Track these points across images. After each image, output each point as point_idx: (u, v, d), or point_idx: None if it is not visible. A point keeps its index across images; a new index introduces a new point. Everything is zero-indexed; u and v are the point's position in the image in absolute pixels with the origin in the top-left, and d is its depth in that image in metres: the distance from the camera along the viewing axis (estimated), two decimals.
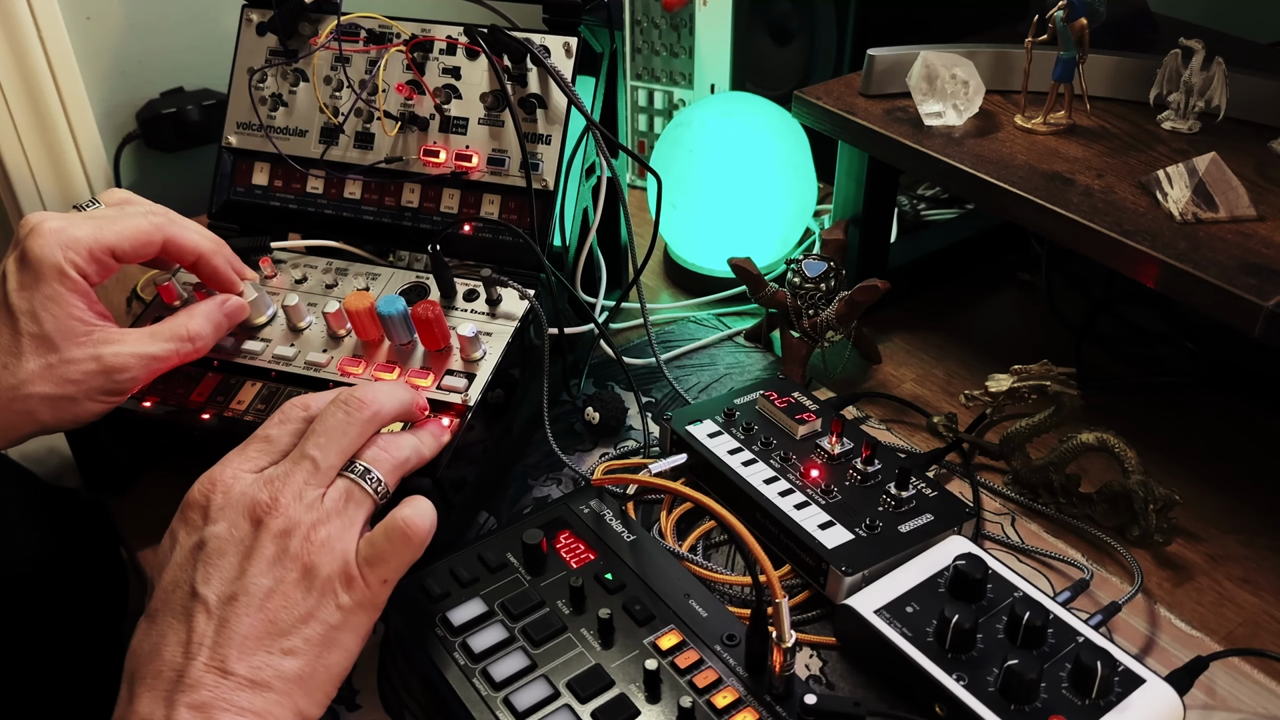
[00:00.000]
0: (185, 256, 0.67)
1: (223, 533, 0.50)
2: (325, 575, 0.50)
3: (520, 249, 0.73)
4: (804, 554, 0.63)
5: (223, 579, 0.49)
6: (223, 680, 0.46)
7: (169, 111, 1.13)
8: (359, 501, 0.52)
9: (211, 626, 0.47)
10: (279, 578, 0.49)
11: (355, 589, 0.51)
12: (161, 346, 0.64)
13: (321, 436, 0.53)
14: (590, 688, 0.54)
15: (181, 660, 0.47)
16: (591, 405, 0.77)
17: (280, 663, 0.48)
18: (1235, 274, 0.63)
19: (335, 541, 0.50)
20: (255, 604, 0.48)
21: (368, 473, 0.53)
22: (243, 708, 0.46)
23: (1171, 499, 0.67)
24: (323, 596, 0.50)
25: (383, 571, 0.51)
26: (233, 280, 0.69)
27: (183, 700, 0.46)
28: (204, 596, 0.48)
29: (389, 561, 0.51)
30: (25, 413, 0.60)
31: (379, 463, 0.54)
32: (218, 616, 0.48)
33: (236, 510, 0.50)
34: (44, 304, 0.61)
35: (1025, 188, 0.72)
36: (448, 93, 0.76)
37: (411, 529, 0.52)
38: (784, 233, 0.94)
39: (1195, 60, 0.78)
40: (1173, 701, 0.54)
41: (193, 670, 0.46)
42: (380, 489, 0.53)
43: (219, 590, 0.48)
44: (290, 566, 0.49)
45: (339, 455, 0.53)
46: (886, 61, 0.84)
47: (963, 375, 0.86)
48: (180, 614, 0.48)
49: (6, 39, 1.02)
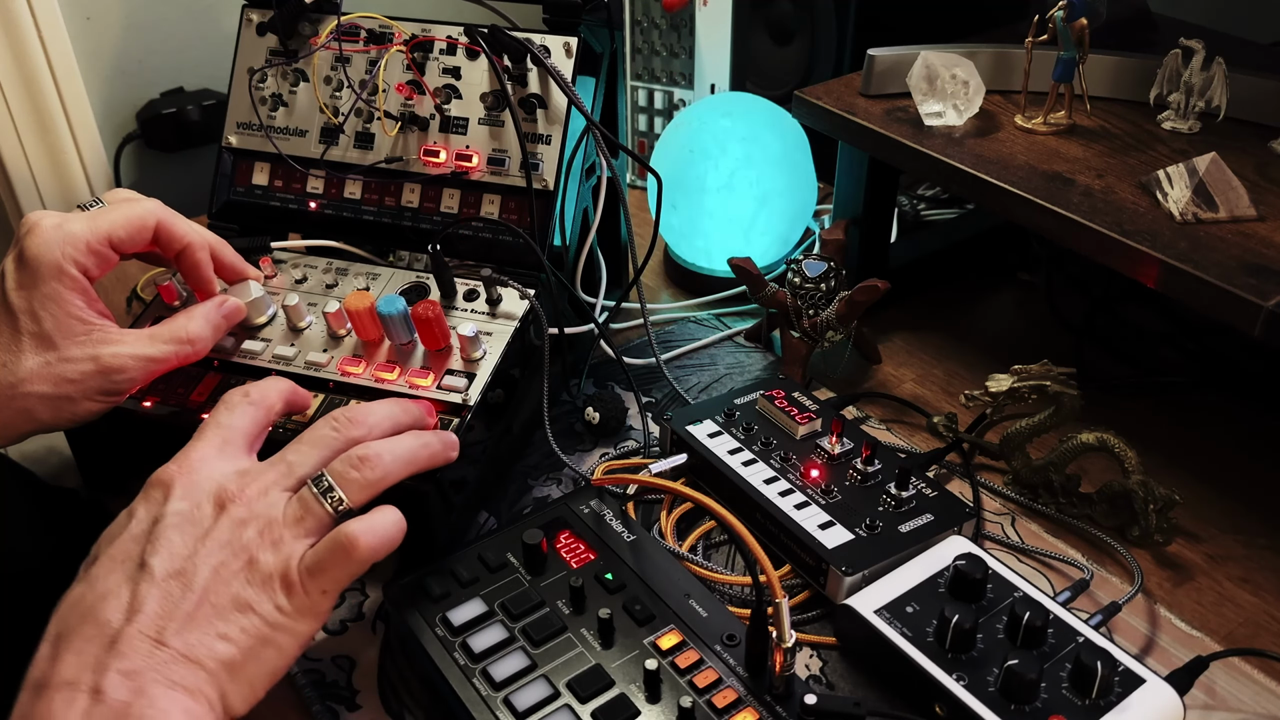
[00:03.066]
0: (175, 243, 0.67)
1: (184, 510, 0.50)
2: (266, 572, 0.50)
3: (520, 249, 0.73)
4: (804, 554, 0.63)
5: (173, 554, 0.49)
6: (156, 650, 0.46)
7: (169, 111, 1.13)
8: (316, 515, 0.52)
9: (155, 596, 0.48)
10: (224, 562, 0.49)
11: (295, 595, 0.51)
12: (160, 349, 0.64)
13: (304, 445, 0.54)
14: (590, 688, 0.54)
15: (120, 623, 0.47)
16: (591, 405, 0.77)
17: (214, 644, 0.48)
18: (1235, 274, 0.63)
19: (283, 545, 0.51)
20: (200, 583, 0.48)
21: (330, 490, 0.53)
22: (173, 681, 0.46)
23: (1171, 499, 0.67)
24: (262, 592, 0.50)
25: (322, 582, 0.51)
26: (210, 279, 0.70)
27: (114, 666, 0.45)
28: (151, 566, 0.48)
29: (329, 572, 0.51)
30: (23, 411, 0.61)
31: (348, 483, 0.53)
32: (162, 588, 0.48)
33: (202, 492, 0.51)
34: (43, 303, 0.61)
35: (1025, 188, 0.72)
36: (448, 93, 0.76)
37: (354, 545, 0.51)
38: (784, 233, 0.94)
39: (1195, 60, 0.78)
40: (1173, 701, 0.54)
41: (128, 635, 0.46)
42: (340, 507, 0.53)
43: (167, 564, 0.49)
44: (239, 554, 0.50)
45: (315, 467, 0.54)
46: (886, 61, 0.84)
47: (963, 375, 0.86)
48: (125, 580, 0.48)
49: (6, 39, 1.02)
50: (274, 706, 0.60)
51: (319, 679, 0.60)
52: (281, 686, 0.60)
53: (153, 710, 0.45)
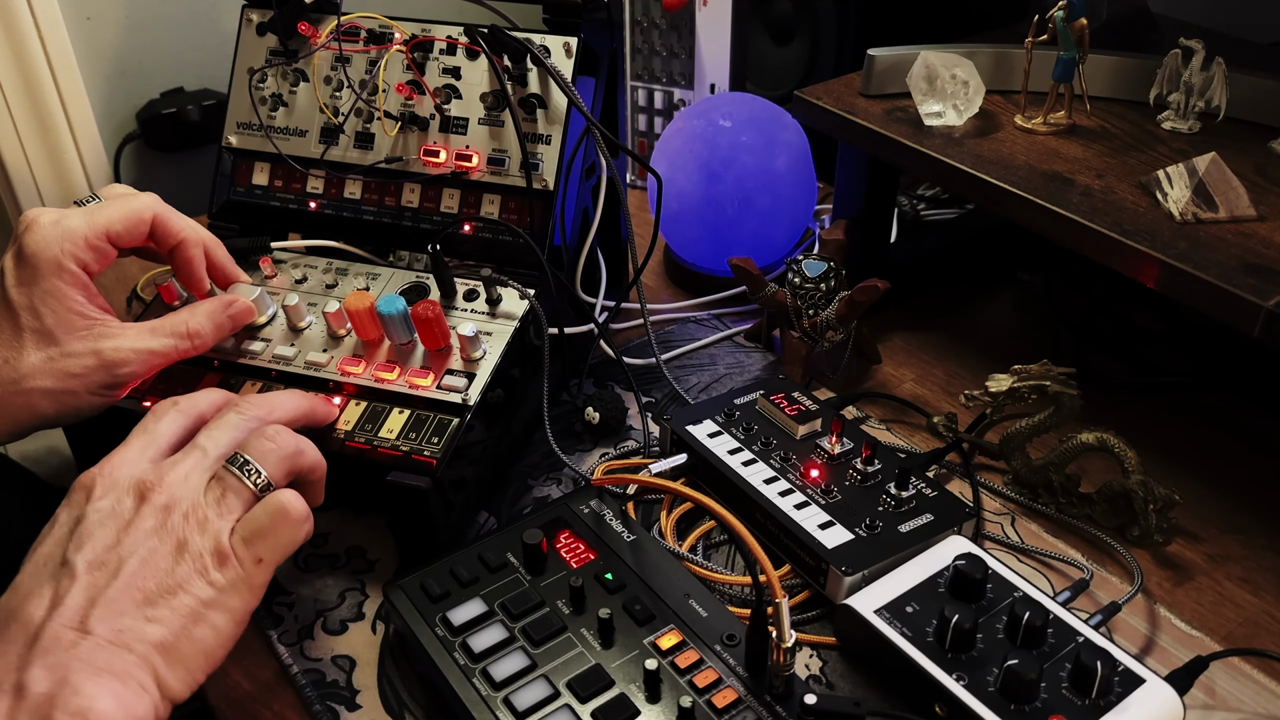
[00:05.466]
0: (169, 239, 0.67)
1: (105, 508, 0.50)
2: (197, 551, 0.50)
3: (520, 249, 0.73)
4: (804, 554, 0.63)
5: (95, 548, 0.49)
6: (81, 639, 0.46)
7: (169, 111, 1.13)
8: (237, 491, 0.53)
9: (79, 588, 0.47)
10: (152, 549, 0.49)
11: (228, 567, 0.51)
12: (161, 342, 0.65)
13: (214, 429, 0.55)
14: (590, 688, 0.54)
15: (42, 618, 0.46)
16: (591, 405, 0.77)
17: (143, 628, 0.48)
18: (1235, 274, 0.63)
19: (209, 524, 0.51)
20: (126, 572, 0.48)
21: (247, 465, 0.54)
22: (99, 667, 0.46)
23: (1171, 499, 0.67)
24: (194, 571, 0.50)
25: (259, 549, 0.51)
26: (202, 277, 0.70)
27: (37, 661, 0.45)
28: (74, 563, 0.48)
29: (266, 538, 0.52)
30: (27, 406, 0.61)
31: (264, 455, 0.54)
32: (85, 580, 0.48)
33: (122, 488, 0.51)
34: (43, 299, 0.61)
35: (1025, 188, 0.72)
36: (448, 93, 0.76)
37: (290, 507, 0.52)
38: (784, 233, 0.94)
39: (1195, 60, 0.78)
40: (1173, 701, 0.54)
41: (50, 628, 0.46)
42: (260, 481, 0.54)
43: (89, 557, 0.48)
44: (166, 539, 0.50)
45: (229, 447, 0.54)
46: (886, 61, 0.84)
47: (963, 375, 0.86)
48: (48, 580, 0.48)
49: (6, 39, 1.02)
50: (274, 706, 0.60)
51: (319, 679, 0.60)
52: (282, 686, 0.61)
53: (78, 698, 0.44)
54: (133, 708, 0.46)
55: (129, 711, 0.45)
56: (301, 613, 0.64)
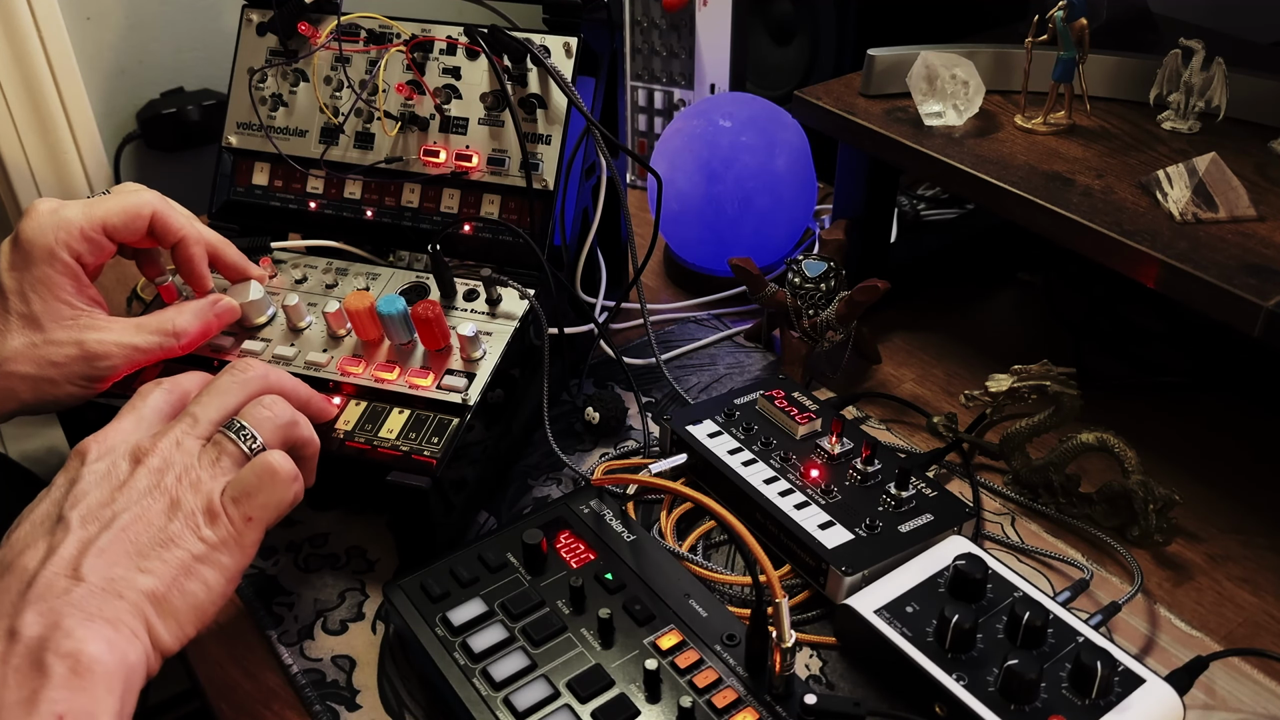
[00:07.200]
0: (170, 235, 0.67)
1: (101, 469, 0.51)
2: (189, 509, 0.51)
3: (520, 249, 0.73)
4: (804, 554, 0.63)
5: (89, 504, 0.50)
6: (74, 585, 0.47)
7: (169, 111, 1.13)
8: (231, 455, 0.54)
9: (72, 539, 0.48)
10: (146, 506, 0.50)
11: (219, 524, 0.51)
12: (145, 339, 0.65)
13: (205, 396, 0.56)
14: (590, 688, 0.54)
15: (36, 567, 0.47)
16: (591, 405, 0.77)
17: (135, 577, 0.48)
18: (1235, 274, 0.63)
19: (202, 484, 0.52)
20: (118, 525, 0.49)
21: (242, 429, 0.54)
22: (91, 612, 0.46)
23: (1171, 499, 0.67)
24: (185, 527, 0.50)
25: (248, 508, 0.52)
26: (204, 275, 0.70)
27: (30, 606, 0.46)
28: (69, 518, 0.49)
29: (254, 497, 0.52)
30: (5, 389, 0.61)
31: (260, 422, 0.55)
32: (79, 533, 0.48)
33: (118, 453, 0.52)
34: (33, 285, 0.62)
35: (1025, 188, 0.72)
36: (448, 93, 0.76)
37: (278, 466, 0.53)
38: (784, 233, 0.94)
39: (1195, 60, 0.78)
40: (1173, 701, 0.54)
41: (44, 575, 0.47)
42: (255, 446, 0.54)
43: (83, 513, 0.49)
44: (159, 498, 0.51)
45: (218, 412, 0.55)
46: (886, 61, 0.84)
47: (963, 375, 0.86)
48: (44, 535, 0.49)
49: (6, 39, 1.02)
50: (274, 706, 0.60)
51: (319, 679, 0.60)
52: (282, 686, 0.61)
53: (69, 641, 0.45)
54: (125, 653, 0.46)
55: (120, 656, 0.46)
56: (301, 613, 0.64)
